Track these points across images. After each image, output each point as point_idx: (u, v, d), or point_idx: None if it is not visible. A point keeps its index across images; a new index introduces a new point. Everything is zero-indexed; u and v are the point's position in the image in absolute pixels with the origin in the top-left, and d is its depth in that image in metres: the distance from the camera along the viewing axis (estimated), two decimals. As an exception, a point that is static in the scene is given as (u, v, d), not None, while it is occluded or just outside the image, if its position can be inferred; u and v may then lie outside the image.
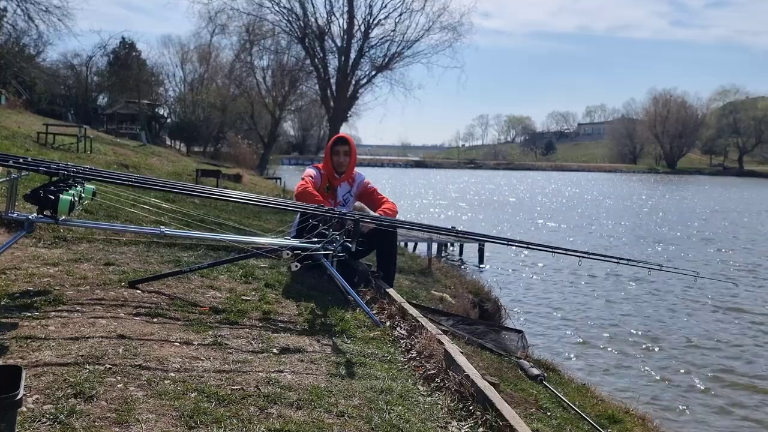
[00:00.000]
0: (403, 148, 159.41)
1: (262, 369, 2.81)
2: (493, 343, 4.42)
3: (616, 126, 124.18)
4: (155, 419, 2.17)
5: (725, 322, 10.78)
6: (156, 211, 4.60)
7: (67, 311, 3.23)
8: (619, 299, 12.28)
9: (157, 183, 4.33)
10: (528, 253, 16.40)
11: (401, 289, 5.36)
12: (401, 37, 34.30)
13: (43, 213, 3.35)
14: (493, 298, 8.19)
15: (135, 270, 4.26)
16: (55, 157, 9.54)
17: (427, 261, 8.69)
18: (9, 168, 3.38)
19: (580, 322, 10.55)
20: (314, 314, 3.85)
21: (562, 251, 4.51)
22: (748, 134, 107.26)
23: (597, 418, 3.61)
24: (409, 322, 3.76)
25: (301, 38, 34.96)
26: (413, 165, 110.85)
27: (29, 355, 2.59)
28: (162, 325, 3.24)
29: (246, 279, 4.48)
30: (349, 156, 5.04)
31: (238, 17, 34.74)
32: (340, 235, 3.97)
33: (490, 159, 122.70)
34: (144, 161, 17.54)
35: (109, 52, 46.64)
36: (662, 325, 10.45)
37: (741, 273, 15.49)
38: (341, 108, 35.17)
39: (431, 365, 3.08)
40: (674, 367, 8.34)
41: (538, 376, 3.86)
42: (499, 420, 2.45)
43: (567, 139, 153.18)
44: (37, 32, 32.58)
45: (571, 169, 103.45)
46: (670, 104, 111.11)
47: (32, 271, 3.87)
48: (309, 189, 4.80)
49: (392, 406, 2.56)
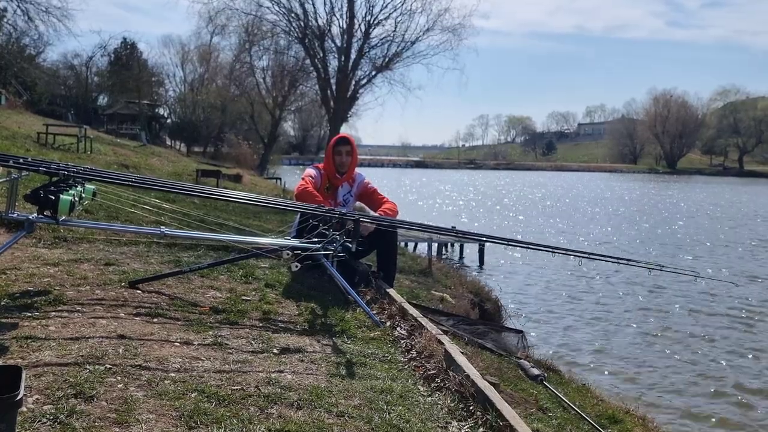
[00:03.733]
0: (403, 148, 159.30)
1: (262, 369, 2.80)
2: (493, 343, 4.42)
3: (617, 126, 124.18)
4: (155, 419, 2.17)
5: (727, 322, 10.77)
6: (156, 212, 4.60)
7: (67, 311, 3.23)
8: (620, 299, 12.28)
9: (158, 183, 4.33)
10: (528, 253, 16.39)
11: (401, 289, 5.36)
12: (401, 37, 34.29)
13: (44, 213, 3.34)
14: (493, 298, 8.19)
15: (135, 270, 4.26)
16: (55, 158, 9.54)
17: (427, 261, 8.68)
18: (9, 168, 3.38)
19: (580, 322, 10.55)
20: (314, 314, 3.85)
21: (562, 251, 4.50)
22: (748, 134, 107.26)
23: (597, 418, 3.61)
24: (410, 322, 3.76)
25: (301, 38, 34.95)
26: (413, 165, 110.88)
27: (29, 355, 2.59)
28: (162, 325, 3.24)
29: (246, 279, 4.48)
30: (351, 156, 5.04)
31: (238, 17, 34.73)
32: (340, 235, 3.97)
33: (491, 159, 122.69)
34: (144, 161, 17.55)
35: (110, 52, 46.70)
36: (663, 325, 10.45)
37: (744, 274, 15.47)
38: (341, 108, 35.14)
39: (431, 365, 3.08)
40: (675, 367, 8.34)
41: (538, 377, 3.86)
42: (500, 420, 2.45)
43: (567, 139, 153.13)
44: (37, 32, 32.66)
45: (571, 170, 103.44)
46: (670, 104, 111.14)
47: (32, 272, 3.87)
48: (309, 189, 4.80)
49: (392, 407, 2.56)
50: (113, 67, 47.41)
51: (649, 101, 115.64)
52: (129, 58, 47.35)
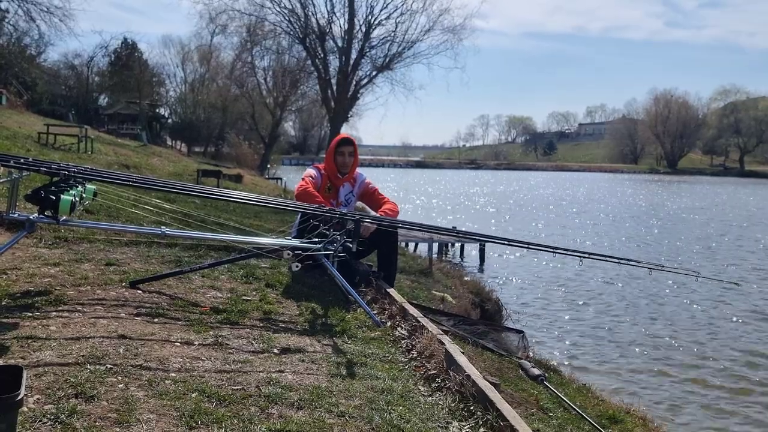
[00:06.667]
0: (403, 148, 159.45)
1: (262, 369, 2.81)
2: (493, 343, 4.42)
3: (617, 126, 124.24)
4: (156, 419, 2.17)
5: (728, 322, 10.76)
6: (157, 212, 4.60)
7: (68, 311, 3.23)
8: (620, 299, 12.26)
9: (158, 183, 4.33)
10: (529, 253, 16.38)
11: (402, 289, 5.36)
12: (402, 37, 34.26)
13: (44, 213, 3.35)
14: (493, 298, 8.20)
15: (136, 270, 4.26)
16: (56, 158, 9.55)
17: (427, 261, 8.69)
18: (10, 168, 3.38)
19: (581, 322, 10.54)
20: (315, 314, 3.85)
21: (563, 251, 4.50)
22: (749, 134, 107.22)
23: (598, 418, 3.60)
24: (410, 322, 3.76)
25: (301, 38, 34.91)
26: (414, 165, 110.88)
27: (30, 355, 2.59)
28: (163, 325, 3.24)
29: (247, 279, 4.49)
30: (353, 157, 5.05)
31: (239, 18, 34.69)
32: (340, 236, 3.97)
33: (491, 159, 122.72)
34: (145, 161, 17.56)
35: (111, 52, 46.68)
36: (663, 325, 10.44)
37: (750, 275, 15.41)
38: (342, 108, 35.10)
39: (432, 365, 3.08)
40: (676, 367, 8.33)
41: (538, 377, 3.86)
42: (500, 420, 2.45)
43: (568, 139, 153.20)
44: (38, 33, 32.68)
45: (572, 170, 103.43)
46: (671, 104, 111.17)
47: (33, 272, 3.87)
48: (309, 189, 4.80)
49: (393, 407, 2.56)
50: (114, 67, 47.38)
51: (650, 101, 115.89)
52: (130, 58, 47.32)
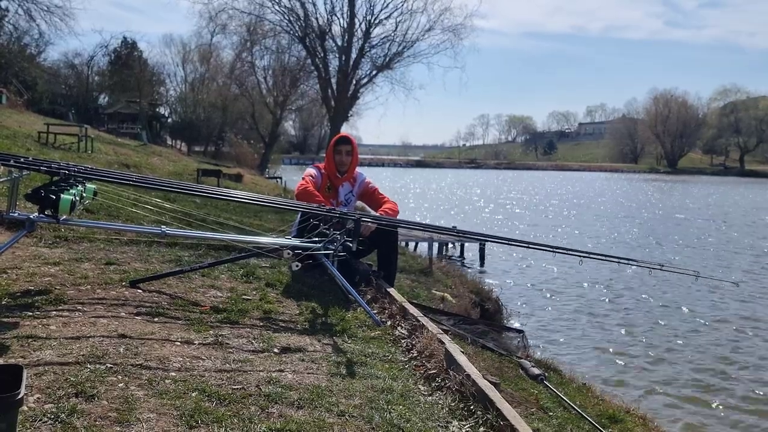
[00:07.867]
0: (403, 147, 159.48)
1: (263, 368, 2.81)
2: (493, 342, 4.42)
3: (617, 126, 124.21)
4: (156, 419, 2.17)
5: (729, 323, 10.76)
6: (157, 211, 4.60)
7: (68, 311, 3.23)
8: (620, 299, 12.27)
9: (158, 182, 4.33)
10: (529, 252, 16.37)
11: (402, 288, 5.36)
12: (402, 36, 34.28)
13: (45, 212, 3.35)
14: (493, 297, 8.20)
15: (136, 269, 4.26)
16: (56, 157, 9.55)
17: (427, 261, 8.69)
18: (10, 167, 3.38)
19: (580, 321, 10.54)
20: (315, 314, 3.85)
21: (563, 251, 4.50)
22: (749, 134, 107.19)
23: (598, 417, 3.60)
24: (410, 321, 3.76)
25: (301, 38, 34.92)
26: (414, 165, 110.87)
27: (30, 354, 2.59)
28: (163, 324, 3.24)
29: (247, 278, 4.49)
30: (351, 156, 5.04)
31: (239, 17, 34.71)
32: (340, 235, 3.97)
33: (491, 159, 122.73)
34: (145, 161, 17.55)
35: (111, 51, 46.69)
36: (663, 325, 10.43)
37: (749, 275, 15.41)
38: (342, 107, 35.13)
39: (432, 365, 3.08)
40: (676, 366, 8.33)
41: (538, 376, 3.86)
42: (500, 420, 2.45)
43: (568, 138, 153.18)
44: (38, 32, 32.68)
45: (572, 169, 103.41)
46: (671, 104, 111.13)
47: (33, 271, 3.87)
48: (309, 188, 4.80)
49: (393, 406, 2.56)
50: (114, 67, 47.40)
51: (650, 101, 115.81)
52: (130, 57, 47.33)
